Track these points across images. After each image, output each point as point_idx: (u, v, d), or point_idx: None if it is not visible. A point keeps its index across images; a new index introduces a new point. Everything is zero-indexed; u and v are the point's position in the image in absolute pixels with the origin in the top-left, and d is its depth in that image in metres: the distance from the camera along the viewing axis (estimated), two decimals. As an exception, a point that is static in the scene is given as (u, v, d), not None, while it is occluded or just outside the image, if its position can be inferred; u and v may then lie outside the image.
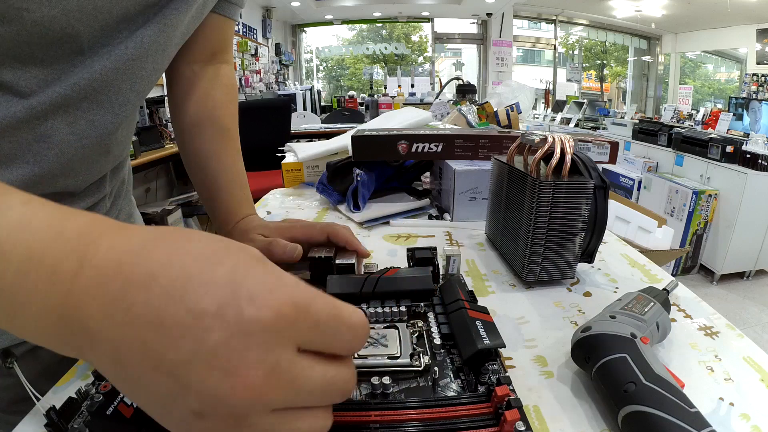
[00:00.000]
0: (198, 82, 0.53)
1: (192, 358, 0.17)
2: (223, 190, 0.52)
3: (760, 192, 2.47)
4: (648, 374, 0.28)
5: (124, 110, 0.40)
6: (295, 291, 0.19)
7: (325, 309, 0.19)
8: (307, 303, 0.19)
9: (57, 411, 0.26)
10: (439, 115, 1.54)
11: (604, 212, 0.46)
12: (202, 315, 0.17)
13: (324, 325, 0.19)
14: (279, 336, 0.18)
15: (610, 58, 7.45)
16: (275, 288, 0.18)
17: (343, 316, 0.20)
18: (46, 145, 0.36)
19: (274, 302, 0.18)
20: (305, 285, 0.20)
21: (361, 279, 0.39)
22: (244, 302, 0.17)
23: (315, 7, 6.15)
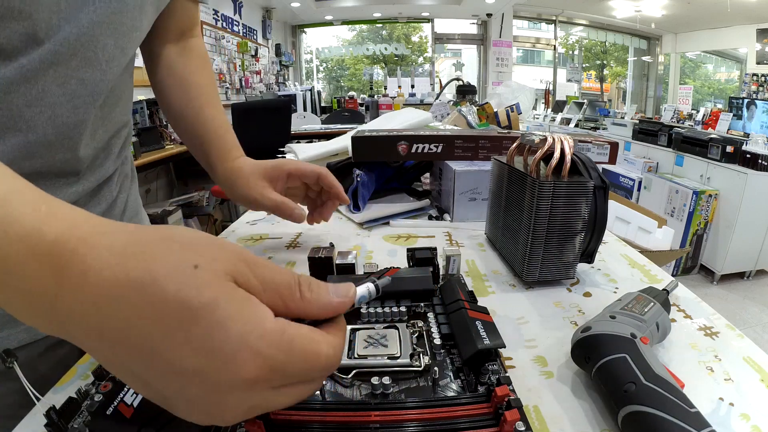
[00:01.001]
0: (174, 57, 0.57)
1: (174, 398, 0.19)
2: (211, 137, 0.56)
3: (760, 192, 2.47)
4: (648, 374, 0.28)
5: (111, 67, 0.41)
6: (275, 350, 0.19)
7: (299, 364, 0.20)
8: (284, 363, 0.19)
9: (57, 411, 0.26)
10: (439, 116, 1.54)
11: (604, 212, 0.46)
12: (181, 372, 0.18)
13: (298, 375, 0.20)
14: (254, 391, 0.19)
15: (610, 58, 7.45)
16: (252, 347, 0.18)
17: (317, 365, 0.21)
18: (38, 109, 0.36)
19: (251, 370, 0.18)
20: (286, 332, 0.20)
21: (361, 279, 0.39)
22: (221, 367, 0.18)
23: (315, 7, 6.15)
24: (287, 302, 0.21)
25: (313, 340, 0.20)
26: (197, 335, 0.18)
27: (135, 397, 0.27)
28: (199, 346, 0.18)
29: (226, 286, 0.19)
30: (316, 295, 0.22)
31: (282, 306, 0.21)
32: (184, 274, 0.18)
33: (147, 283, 0.18)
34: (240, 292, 0.19)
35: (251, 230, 0.67)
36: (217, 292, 0.18)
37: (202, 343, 0.18)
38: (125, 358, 0.19)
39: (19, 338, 0.42)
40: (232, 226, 0.70)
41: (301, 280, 0.22)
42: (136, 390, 0.20)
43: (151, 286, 0.18)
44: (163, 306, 0.18)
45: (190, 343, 0.18)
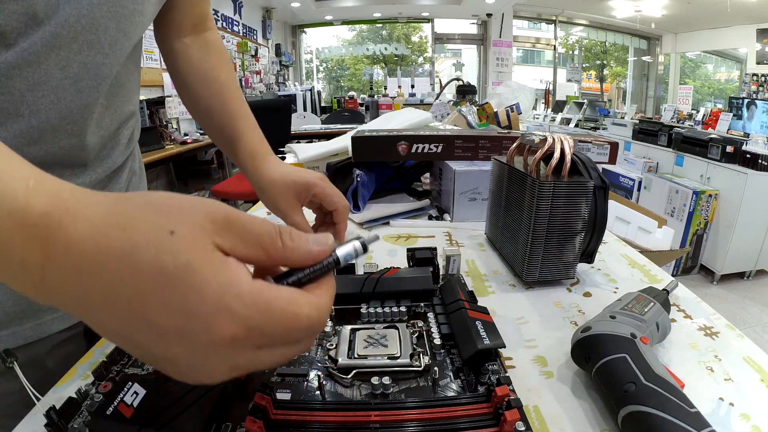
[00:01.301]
0: (191, 52, 0.57)
1: (163, 358, 0.20)
2: (237, 135, 0.56)
3: (760, 192, 2.47)
4: (648, 374, 0.28)
5: (114, 51, 0.41)
6: (251, 311, 0.19)
7: (280, 323, 0.20)
8: (261, 324, 0.20)
9: (57, 411, 0.26)
10: (439, 116, 1.54)
11: (604, 212, 0.46)
12: (164, 334, 0.19)
13: (279, 336, 0.21)
14: (234, 350, 0.20)
15: (610, 58, 7.44)
16: (229, 306, 0.19)
17: (297, 326, 0.21)
18: (40, 93, 0.36)
19: (230, 329, 0.19)
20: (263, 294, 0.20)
21: (361, 279, 0.39)
22: (199, 329, 0.19)
23: (315, 7, 6.15)
24: (269, 252, 0.22)
25: (293, 301, 0.21)
26: (175, 299, 0.18)
27: (135, 397, 0.27)
28: (178, 309, 0.19)
29: (202, 249, 0.19)
30: (297, 243, 0.22)
31: (264, 256, 0.22)
32: (160, 241, 0.19)
33: (126, 251, 0.18)
34: (216, 255, 0.20)
35: (251, 230, 0.67)
36: (192, 257, 0.19)
37: (180, 306, 0.19)
38: (113, 323, 0.20)
39: (26, 336, 0.43)
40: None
41: (282, 229, 0.22)
42: (129, 352, 0.21)
43: (130, 255, 0.18)
44: (142, 273, 0.18)
45: (169, 306, 0.19)
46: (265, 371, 0.32)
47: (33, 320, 0.43)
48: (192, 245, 0.19)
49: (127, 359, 0.33)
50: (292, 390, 0.29)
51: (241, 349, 0.20)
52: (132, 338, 0.20)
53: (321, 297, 0.22)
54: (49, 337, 0.44)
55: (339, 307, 0.38)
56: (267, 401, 0.25)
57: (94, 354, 0.37)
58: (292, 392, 0.29)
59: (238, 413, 0.27)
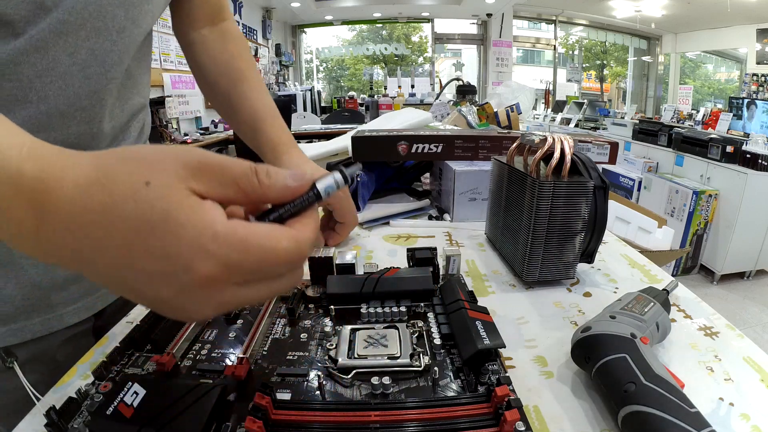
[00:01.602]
0: (209, 43, 0.57)
1: (154, 300, 0.21)
2: (259, 125, 0.56)
3: (760, 192, 2.47)
4: (648, 374, 0.28)
5: (123, 38, 0.41)
6: (228, 249, 0.20)
7: (257, 258, 0.21)
8: (239, 260, 0.21)
9: (57, 411, 0.26)
10: (439, 116, 1.54)
11: (604, 212, 0.46)
12: (151, 277, 0.20)
13: (258, 271, 0.22)
14: (216, 288, 0.21)
15: (610, 58, 7.44)
16: (206, 248, 0.20)
17: (276, 259, 0.22)
18: (48, 79, 0.36)
19: (208, 269, 0.20)
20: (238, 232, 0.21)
21: (361, 279, 0.39)
22: (180, 271, 0.20)
23: (315, 7, 6.15)
24: (246, 191, 0.22)
25: (269, 236, 0.21)
26: (156, 245, 0.20)
27: (135, 397, 0.27)
28: (159, 254, 0.20)
29: (177, 196, 0.20)
30: (274, 180, 0.23)
31: (242, 196, 0.22)
32: (137, 193, 0.20)
33: (108, 207, 0.20)
34: (191, 199, 0.21)
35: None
36: (168, 204, 0.20)
37: (160, 251, 0.20)
38: (106, 273, 0.21)
39: (34, 330, 0.43)
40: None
41: (258, 167, 0.23)
42: (126, 297, 0.22)
43: (112, 209, 0.20)
44: (124, 224, 0.20)
45: (151, 252, 0.20)
46: (265, 371, 0.32)
47: (42, 315, 0.44)
48: (167, 193, 0.20)
49: (127, 359, 0.33)
50: (292, 390, 0.30)
51: (223, 287, 0.21)
52: (125, 284, 0.21)
53: (300, 230, 0.23)
54: (58, 332, 0.45)
55: (339, 307, 0.38)
56: (267, 401, 0.25)
57: (94, 354, 0.37)
58: (292, 392, 0.29)
59: (238, 413, 0.27)
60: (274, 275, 0.23)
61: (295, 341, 0.35)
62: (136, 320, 0.37)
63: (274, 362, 0.33)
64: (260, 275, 0.22)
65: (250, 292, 0.22)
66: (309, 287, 0.42)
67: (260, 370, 0.32)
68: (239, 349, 0.33)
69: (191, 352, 0.34)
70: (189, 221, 0.20)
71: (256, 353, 0.33)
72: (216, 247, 0.20)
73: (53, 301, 0.44)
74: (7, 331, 0.42)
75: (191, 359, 0.33)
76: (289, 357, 0.33)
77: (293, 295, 0.40)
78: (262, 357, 0.33)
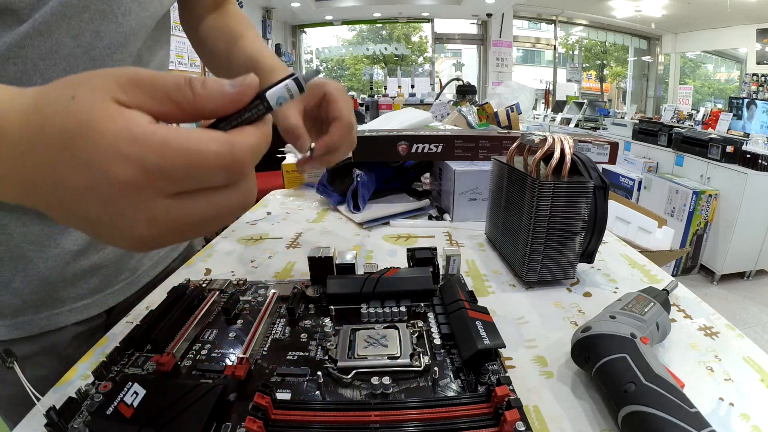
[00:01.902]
0: (212, 22, 0.58)
1: (89, 224, 0.21)
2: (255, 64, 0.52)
3: (760, 192, 2.47)
4: (648, 374, 0.28)
5: (129, 21, 0.41)
6: (145, 147, 0.19)
7: (180, 161, 0.20)
8: (157, 163, 0.19)
9: (57, 411, 0.26)
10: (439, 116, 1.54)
11: (604, 212, 0.46)
12: (80, 192, 0.20)
13: (185, 176, 0.20)
14: (141, 198, 0.20)
15: (610, 58, 7.44)
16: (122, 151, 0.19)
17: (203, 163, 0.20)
18: (52, 61, 0.37)
19: (125, 172, 0.19)
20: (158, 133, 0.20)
21: (361, 279, 0.39)
22: (100, 178, 0.19)
23: (315, 7, 6.14)
24: (180, 103, 0.21)
25: (194, 138, 0.20)
26: (77, 155, 0.19)
27: (135, 397, 0.27)
28: (82, 164, 0.19)
29: (99, 106, 0.20)
30: (210, 89, 0.21)
31: (177, 109, 0.21)
32: (63, 107, 0.20)
33: (39, 125, 0.20)
34: (112, 107, 0.20)
35: (251, 230, 0.67)
36: (88, 114, 0.19)
37: (82, 161, 0.19)
38: (47, 195, 0.21)
39: (41, 325, 0.44)
40: (232, 225, 0.70)
41: (193, 79, 0.21)
42: (71, 225, 0.22)
43: (42, 127, 0.20)
44: (51, 140, 0.20)
45: (75, 163, 0.19)
46: (265, 371, 0.32)
47: (49, 310, 0.44)
48: (90, 104, 0.20)
49: (127, 359, 0.33)
50: (292, 390, 0.30)
51: (149, 196, 0.20)
52: (64, 207, 0.21)
53: (236, 134, 0.21)
54: (68, 328, 0.46)
55: (339, 307, 0.39)
56: (267, 401, 0.25)
57: (94, 354, 0.37)
58: (292, 392, 0.29)
59: (238, 413, 0.27)
60: (209, 185, 0.21)
61: (295, 341, 0.35)
62: (136, 320, 0.37)
63: (274, 362, 0.33)
64: (190, 183, 0.21)
65: (185, 206, 0.21)
66: (309, 287, 0.42)
67: (260, 370, 0.32)
68: (239, 349, 0.33)
69: (191, 352, 0.34)
70: (107, 128, 0.19)
71: (256, 353, 0.33)
72: (132, 149, 0.19)
73: (61, 296, 0.45)
74: (14, 324, 0.42)
75: (191, 359, 0.33)
76: (289, 357, 0.33)
77: (293, 295, 0.40)
78: (262, 357, 0.33)
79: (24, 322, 0.43)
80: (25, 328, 0.43)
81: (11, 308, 0.42)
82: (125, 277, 0.52)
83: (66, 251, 0.44)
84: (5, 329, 0.43)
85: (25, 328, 0.43)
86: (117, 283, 0.51)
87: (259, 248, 0.60)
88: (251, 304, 0.41)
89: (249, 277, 0.46)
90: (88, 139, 0.19)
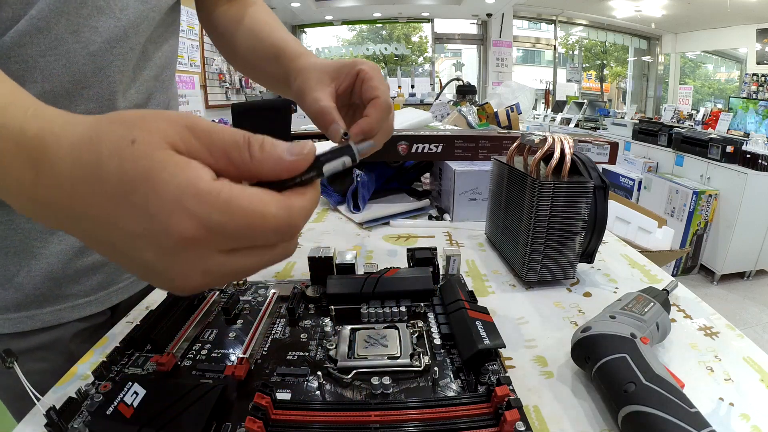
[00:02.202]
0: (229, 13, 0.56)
1: (141, 266, 0.21)
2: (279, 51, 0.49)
3: (760, 192, 2.47)
4: (648, 374, 0.28)
5: (127, 15, 0.41)
6: (210, 209, 0.19)
7: (242, 222, 0.20)
8: (222, 222, 0.20)
9: (57, 411, 0.26)
10: (439, 116, 1.54)
11: (604, 212, 0.46)
12: (134, 238, 0.20)
13: (244, 236, 0.21)
14: (199, 252, 0.20)
15: (610, 58, 7.44)
16: (186, 206, 0.19)
17: (263, 225, 0.20)
18: (52, 57, 0.37)
19: (188, 229, 0.19)
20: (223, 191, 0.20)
21: (361, 279, 0.39)
22: (160, 230, 0.19)
23: (315, 7, 6.14)
24: (237, 164, 0.21)
25: (257, 200, 0.20)
26: (137, 203, 0.19)
27: (135, 397, 0.27)
28: (141, 212, 0.19)
29: (162, 154, 0.20)
30: (268, 153, 0.21)
31: (233, 168, 0.21)
32: (122, 150, 0.20)
33: (94, 163, 0.20)
34: (176, 157, 0.20)
35: (251, 230, 0.67)
36: (152, 162, 0.19)
37: (142, 210, 0.19)
38: (95, 232, 0.21)
39: (45, 320, 0.45)
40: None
41: (252, 139, 0.21)
42: (116, 262, 0.22)
43: (97, 166, 0.20)
44: (108, 181, 0.20)
45: (134, 210, 0.19)
46: (265, 371, 0.32)
47: (53, 305, 0.44)
48: (152, 151, 0.19)
49: (127, 359, 0.33)
50: (292, 390, 0.30)
51: (207, 251, 0.20)
52: (113, 246, 0.21)
53: (293, 197, 0.21)
54: (72, 323, 0.46)
55: (339, 307, 0.38)
56: (267, 401, 0.25)
57: (94, 354, 0.37)
58: (292, 392, 0.29)
59: (238, 413, 0.27)
60: (263, 244, 0.22)
61: (295, 341, 0.35)
62: (136, 320, 0.37)
63: (274, 362, 0.33)
64: (247, 242, 0.21)
65: (238, 261, 0.21)
66: (309, 287, 0.42)
67: (260, 370, 0.32)
68: (239, 349, 0.34)
69: (191, 352, 0.34)
70: (172, 179, 0.19)
71: (256, 353, 0.33)
72: (198, 205, 0.19)
73: (66, 292, 0.45)
74: (17, 318, 0.43)
75: (191, 359, 0.33)
76: (289, 357, 0.33)
77: (293, 295, 0.40)
78: (262, 357, 0.33)
79: (27, 317, 0.43)
80: (28, 323, 0.43)
81: (15, 303, 0.43)
82: (129, 275, 0.52)
83: (70, 247, 0.44)
84: (8, 323, 0.43)
85: (27, 323, 0.43)
86: (121, 280, 0.51)
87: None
88: (251, 304, 0.41)
89: (249, 277, 0.46)
90: (150, 189, 0.19)
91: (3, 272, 0.42)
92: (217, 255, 0.21)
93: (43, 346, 0.45)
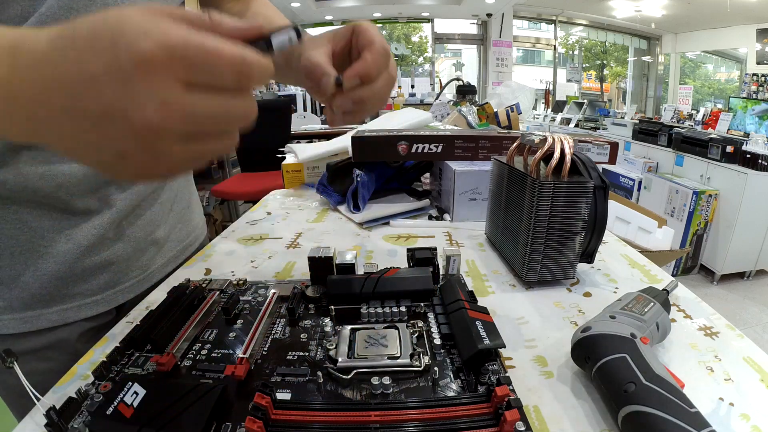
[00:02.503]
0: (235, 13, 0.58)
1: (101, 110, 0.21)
2: None
3: (760, 192, 2.47)
4: (648, 374, 0.28)
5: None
6: (169, 33, 0.21)
7: (200, 48, 0.21)
8: (181, 48, 0.21)
9: (57, 411, 0.26)
10: (439, 116, 1.54)
11: (604, 212, 0.46)
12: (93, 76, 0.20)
13: (201, 64, 0.21)
14: (157, 76, 0.20)
15: (610, 58, 7.44)
16: (149, 31, 0.20)
17: (220, 59, 0.22)
18: None
19: (149, 47, 0.20)
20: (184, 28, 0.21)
21: (361, 279, 0.39)
22: (121, 50, 0.20)
23: (315, 7, 6.14)
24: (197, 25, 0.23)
25: (213, 38, 0.22)
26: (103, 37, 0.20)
27: (135, 397, 0.27)
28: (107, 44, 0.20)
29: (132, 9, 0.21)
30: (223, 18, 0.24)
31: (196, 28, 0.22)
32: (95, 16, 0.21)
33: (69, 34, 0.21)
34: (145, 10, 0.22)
35: (251, 230, 0.67)
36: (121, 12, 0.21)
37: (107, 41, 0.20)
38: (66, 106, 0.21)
39: (51, 319, 0.45)
40: (232, 226, 0.70)
41: (211, 11, 0.24)
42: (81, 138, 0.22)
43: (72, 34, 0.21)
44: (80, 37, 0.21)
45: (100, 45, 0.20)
46: (265, 371, 0.32)
47: (59, 305, 0.44)
48: (123, 9, 0.21)
49: (127, 359, 0.33)
50: (292, 390, 0.30)
51: (166, 77, 0.21)
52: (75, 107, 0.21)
53: (248, 50, 0.23)
54: (77, 323, 0.46)
55: (339, 307, 0.39)
56: (267, 401, 0.25)
57: (94, 354, 0.37)
58: (292, 392, 0.29)
59: (238, 413, 0.27)
60: (220, 84, 0.22)
61: (295, 341, 0.35)
62: (136, 320, 0.37)
63: (274, 362, 0.33)
64: (204, 77, 0.22)
65: (196, 98, 0.22)
66: (309, 287, 0.42)
67: (260, 370, 0.32)
68: (239, 349, 0.33)
69: (191, 352, 0.34)
70: (137, 13, 0.21)
71: (256, 353, 0.33)
72: (158, 29, 0.20)
73: (72, 291, 0.45)
74: (23, 318, 0.43)
75: (191, 359, 0.33)
76: (289, 357, 0.33)
77: (293, 295, 0.40)
78: (262, 357, 0.33)
79: (33, 316, 0.43)
80: (34, 323, 0.43)
81: (20, 302, 0.43)
82: (136, 274, 0.52)
83: (77, 246, 0.44)
84: (14, 323, 0.43)
85: (33, 322, 0.43)
86: (127, 280, 0.51)
87: (259, 248, 0.60)
88: (251, 304, 0.41)
89: (249, 277, 0.46)
90: (117, 22, 0.21)
91: (9, 272, 0.42)
92: (176, 85, 0.21)
93: (49, 346, 0.45)
